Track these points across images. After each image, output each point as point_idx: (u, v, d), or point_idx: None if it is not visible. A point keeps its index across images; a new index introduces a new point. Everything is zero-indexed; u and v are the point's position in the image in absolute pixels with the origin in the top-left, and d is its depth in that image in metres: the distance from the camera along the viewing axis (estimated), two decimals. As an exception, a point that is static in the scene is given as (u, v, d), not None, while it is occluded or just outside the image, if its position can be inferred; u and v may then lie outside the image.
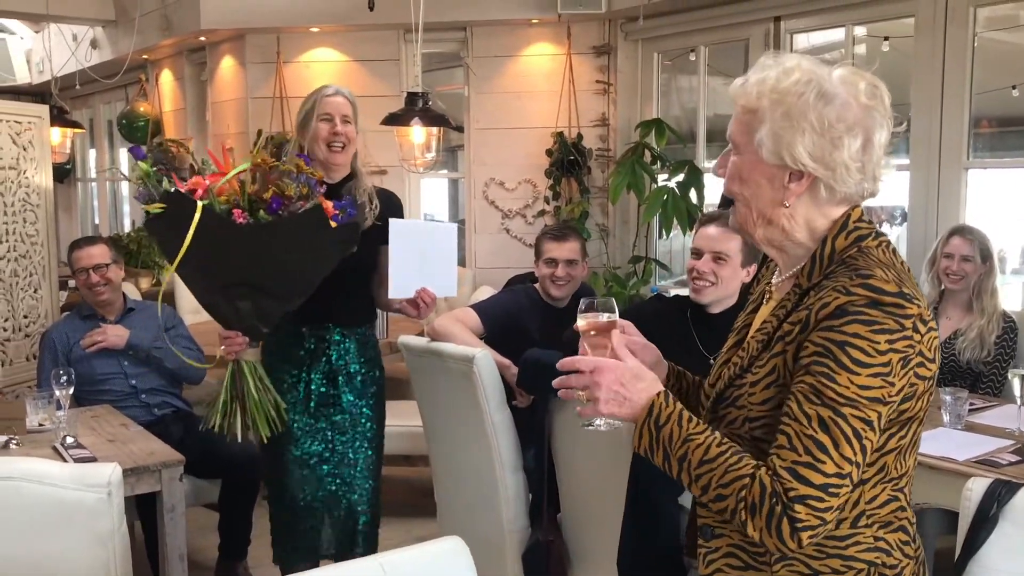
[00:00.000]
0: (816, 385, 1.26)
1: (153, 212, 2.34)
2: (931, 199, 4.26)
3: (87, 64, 7.31)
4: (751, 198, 1.40)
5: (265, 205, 2.34)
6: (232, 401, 2.53)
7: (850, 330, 1.25)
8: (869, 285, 1.27)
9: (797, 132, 1.32)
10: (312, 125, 2.77)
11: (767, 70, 1.36)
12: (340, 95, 2.82)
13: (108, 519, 2.13)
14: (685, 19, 5.23)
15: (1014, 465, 2.53)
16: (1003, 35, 4.77)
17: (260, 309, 2.46)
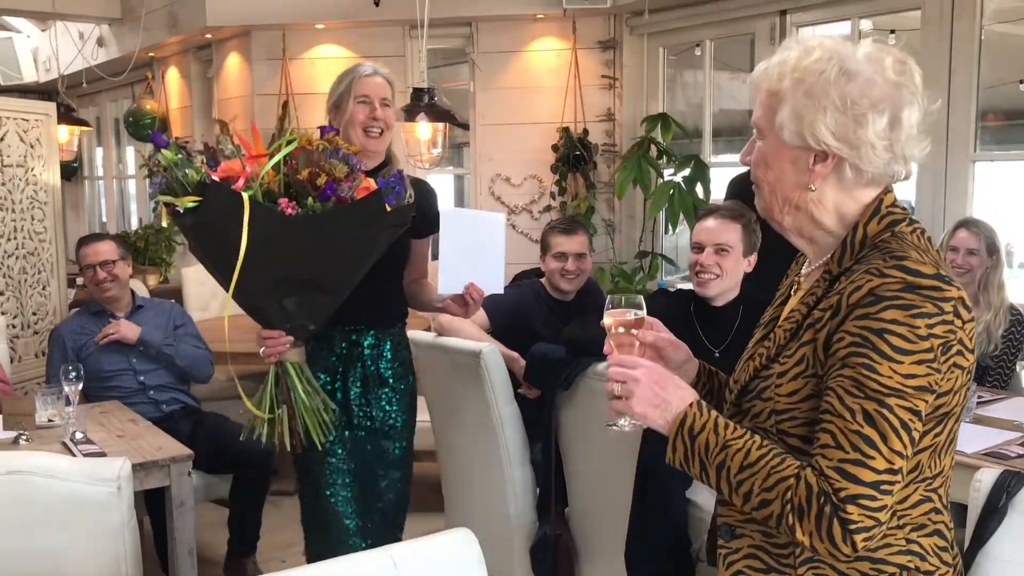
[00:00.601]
0: (857, 377, 1.19)
1: (185, 207, 2.01)
2: (938, 192, 4.25)
3: (93, 62, 7.32)
4: (776, 183, 1.35)
5: (315, 191, 2.07)
6: (278, 407, 2.26)
7: (887, 316, 1.19)
8: (904, 267, 1.21)
9: (819, 111, 1.27)
10: (347, 107, 2.51)
11: (788, 51, 1.32)
12: (379, 75, 2.55)
13: (118, 513, 2.14)
14: (690, 13, 5.22)
15: (1023, 457, 2.53)
16: (1010, 27, 4.75)
17: (309, 306, 2.21)
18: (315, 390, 2.31)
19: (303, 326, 2.25)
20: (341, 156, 2.14)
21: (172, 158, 2.05)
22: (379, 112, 2.51)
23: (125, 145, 8.81)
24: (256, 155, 2.08)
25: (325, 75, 5.90)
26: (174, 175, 2.05)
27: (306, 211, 2.06)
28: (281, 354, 2.25)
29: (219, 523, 3.89)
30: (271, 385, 2.26)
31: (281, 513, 3.99)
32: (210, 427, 3.63)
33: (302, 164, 2.09)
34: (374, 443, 2.58)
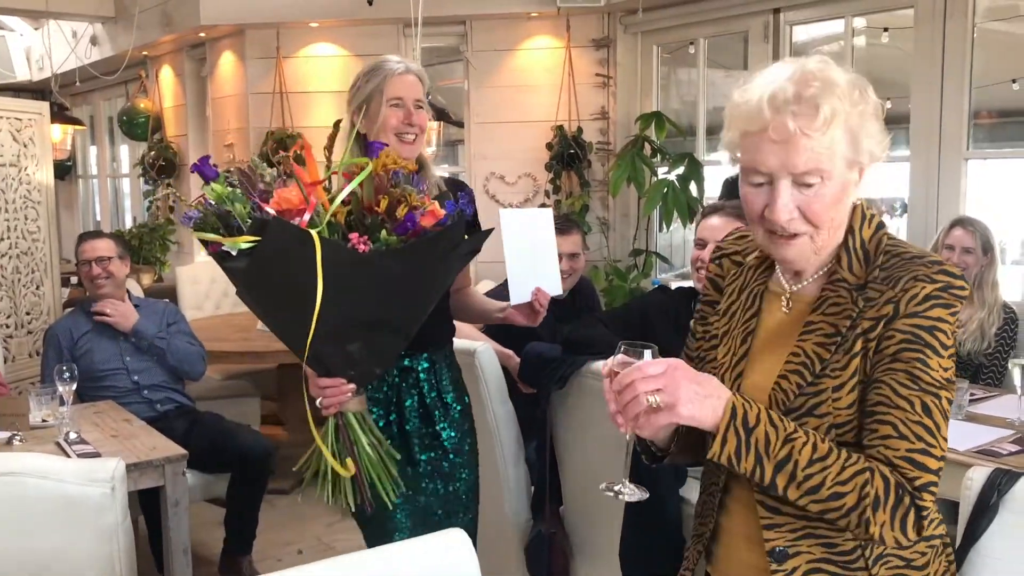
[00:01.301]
0: (911, 371, 1.26)
1: (238, 247, 1.68)
2: (931, 190, 4.26)
3: (87, 61, 7.31)
4: (836, 216, 1.35)
5: (391, 223, 1.75)
6: (342, 460, 1.96)
7: (934, 314, 1.27)
8: (947, 271, 1.30)
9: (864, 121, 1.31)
10: (377, 111, 2.23)
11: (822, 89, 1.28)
12: (411, 73, 2.27)
13: (112, 514, 2.14)
14: (684, 11, 5.23)
15: (1014, 455, 2.54)
16: (1003, 25, 4.76)
17: (375, 348, 1.89)
18: (379, 440, 1.99)
19: (369, 372, 1.95)
20: (404, 176, 1.83)
21: (223, 192, 1.72)
22: (414, 116, 2.26)
23: (119, 144, 8.80)
24: (314, 182, 1.74)
25: (319, 73, 5.90)
26: (219, 210, 1.73)
27: (380, 246, 1.75)
28: (342, 404, 1.92)
29: (214, 522, 3.89)
30: (331, 440, 1.95)
31: (277, 512, 4.00)
32: (207, 426, 3.64)
33: (368, 192, 1.79)
34: (440, 482, 2.28)
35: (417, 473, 2.24)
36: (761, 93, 1.30)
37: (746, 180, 1.35)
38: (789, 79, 1.30)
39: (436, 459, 2.26)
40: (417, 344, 2.14)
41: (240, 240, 1.68)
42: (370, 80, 2.26)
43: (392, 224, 1.76)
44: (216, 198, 1.72)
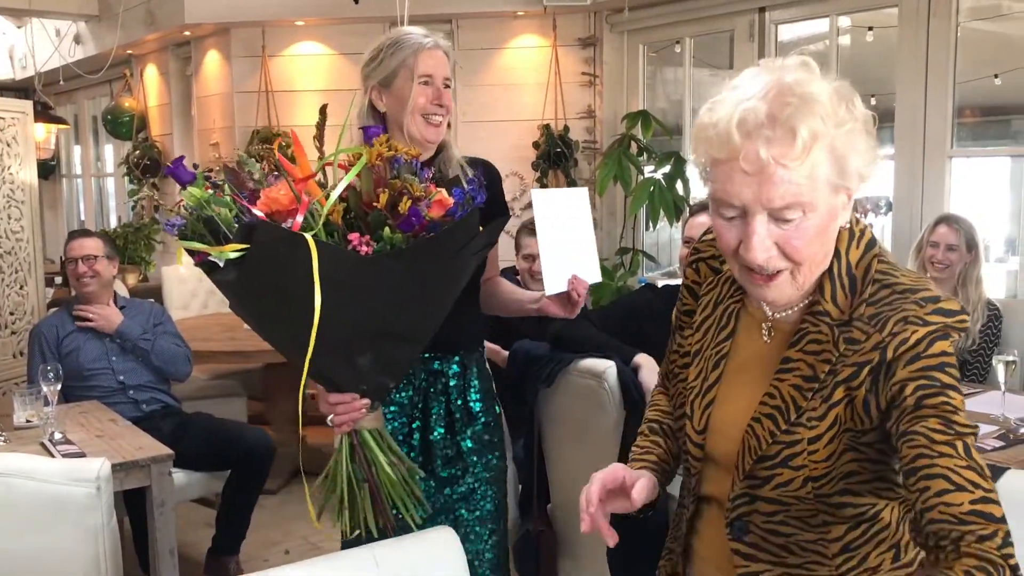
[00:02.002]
0: (942, 416, 1.12)
1: (224, 257, 1.50)
2: (915, 188, 4.29)
3: (71, 59, 7.26)
4: (820, 249, 1.21)
5: (394, 220, 1.56)
6: (359, 486, 1.78)
7: (937, 349, 1.15)
8: (942, 310, 1.17)
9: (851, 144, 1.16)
10: (404, 89, 2.02)
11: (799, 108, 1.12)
12: (440, 48, 2.06)
13: (97, 514, 2.13)
14: (670, 10, 5.24)
15: (999, 450, 2.56)
16: (985, 24, 4.79)
17: (388, 360, 1.71)
18: (400, 458, 1.80)
19: (382, 385, 1.77)
20: (404, 164, 1.65)
21: (202, 196, 1.55)
22: (444, 96, 2.05)
23: (103, 143, 8.75)
24: (304, 177, 1.57)
25: (305, 72, 5.88)
26: (202, 216, 1.56)
27: (384, 246, 1.55)
28: (356, 421, 1.74)
29: (200, 522, 3.88)
30: (346, 460, 1.76)
31: (264, 512, 3.98)
32: (201, 425, 3.64)
33: (366, 184, 1.59)
34: (464, 496, 2.10)
35: (440, 493, 2.06)
36: (730, 115, 1.14)
37: (716, 211, 1.21)
38: (762, 97, 1.13)
39: (457, 476, 2.07)
40: (448, 346, 2.00)
41: (227, 249, 1.49)
42: (396, 53, 2.03)
43: (395, 220, 1.56)
44: (195, 203, 1.55)
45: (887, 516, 1.25)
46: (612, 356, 2.80)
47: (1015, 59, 4.34)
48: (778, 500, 1.25)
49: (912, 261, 3.66)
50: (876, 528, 1.25)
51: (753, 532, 1.29)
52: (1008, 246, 5.42)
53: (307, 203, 1.54)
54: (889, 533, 1.26)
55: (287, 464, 4.64)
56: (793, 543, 1.27)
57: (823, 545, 1.25)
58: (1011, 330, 3.60)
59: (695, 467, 1.37)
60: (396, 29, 2.10)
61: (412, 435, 2.06)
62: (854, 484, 1.22)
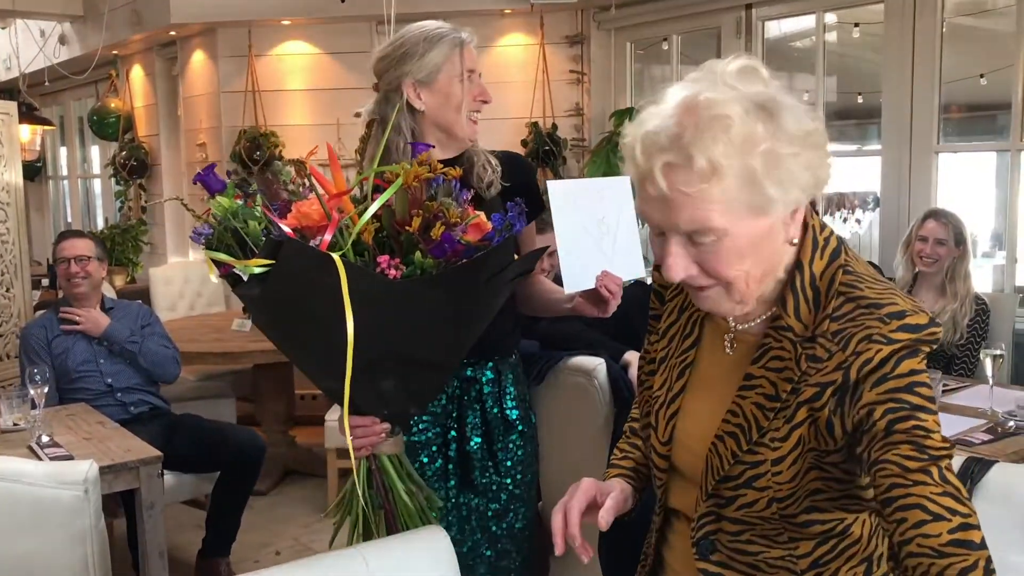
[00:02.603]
0: (913, 441, 1.08)
1: (249, 272, 1.44)
2: (903, 184, 4.30)
3: (56, 60, 7.22)
4: (751, 268, 1.14)
5: (426, 244, 1.48)
6: (375, 512, 1.70)
7: (904, 369, 1.10)
8: (908, 326, 1.11)
9: (785, 170, 1.09)
10: (448, 86, 1.93)
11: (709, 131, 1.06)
12: (473, 43, 2.02)
13: (85, 517, 2.12)
14: (657, 8, 5.24)
15: (987, 444, 2.57)
16: (971, 20, 4.82)
17: (411, 386, 1.63)
18: (419, 486, 1.73)
19: (404, 411, 1.70)
20: (442, 185, 1.55)
21: (230, 207, 1.49)
22: (487, 94, 2.01)
23: (89, 144, 8.71)
24: (338, 193, 1.49)
25: (292, 72, 5.86)
26: (230, 227, 1.49)
27: (414, 271, 1.47)
28: (375, 446, 1.67)
29: (190, 524, 3.87)
30: (362, 486, 1.68)
31: (254, 514, 3.97)
32: (190, 427, 3.63)
33: (402, 206, 1.50)
34: (498, 513, 2.03)
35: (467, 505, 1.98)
36: (637, 134, 1.10)
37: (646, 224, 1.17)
38: (671, 115, 1.08)
39: (494, 485, 2.00)
40: (481, 351, 1.90)
41: (252, 264, 1.43)
42: (436, 48, 1.93)
43: (427, 245, 1.48)
44: (223, 213, 1.48)
45: (857, 530, 1.23)
46: (602, 353, 2.80)
47: (1000, 54, 4.36)
48: (743, 520, 1.23)
49: (901, 255, 3.68)
50: (846, 543, 1.23)
51: (720, 551, 1.27)
52: (995, 240, 5.44)
53: (337, 221, 1.46)
54: (860, 547, 1.23)
55: (277, 465, 4.63)
56: (761, 561, 1.25)
57: (792, 561, 1.23)
58: (998, 324, 3.62)
59: (660, 479, 1.35)
60: (420, 24, 1.99)
61: (449, 445, 1.98)
62: (820, 501, 1.19)
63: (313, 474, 4.69)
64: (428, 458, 1.96)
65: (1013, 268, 4.16)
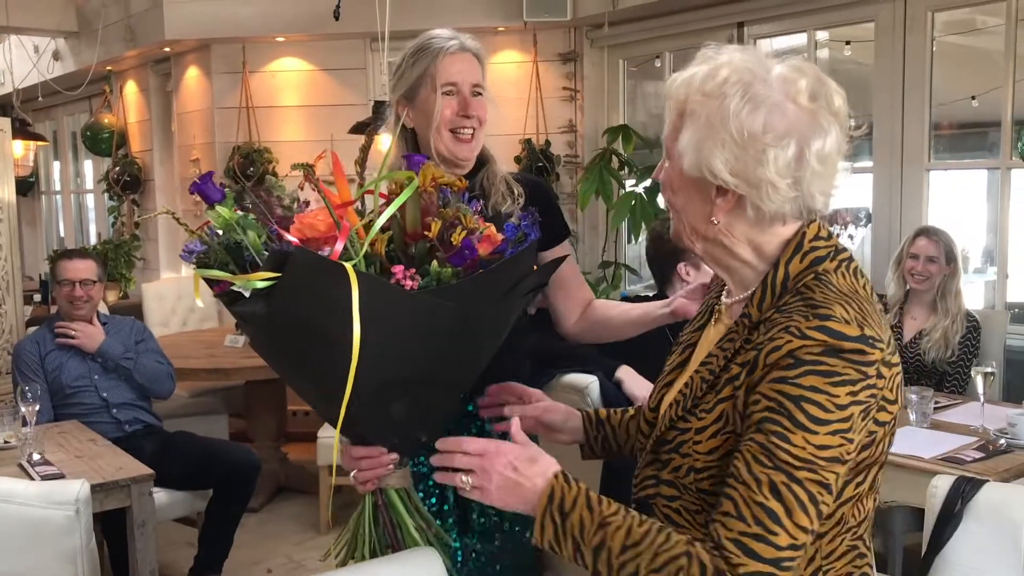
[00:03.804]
0: (768, 445, 1.11)
1: (252, 288, 1.32)
2: (894, 200, 4.32)
3: (49, 76, 7.22)
4: (682, 210, 1.25)
5: (444, 252, 1.38)
6: (382, 551, 1.56)
7: (806, 383, 1.10)
8: (827, 329, 1.11)
9: (717, 144, 1.16)
10: (428, 101, 1.80)
11: (699, 65, 1.20)
12: (466, 51, 1.84)
13: (76, 536, 2.11)
14: (650, 26, 5.27)
15: (978, 462, 2.58)
16: (960, 39, 4.85)
17: (422, 410, 1.49)
18: (428, 522, 1.59)
19: (413, 439, 1.56)
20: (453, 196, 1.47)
21: (231, 218, 1.39)
22: (472, 105, 1.82)
23: (83, 159, 8.70)
24: (344, 203, 1.39)
25: (286, 88, 5.88)
26: (231, 242, 1.39)
27: (431, 281, 1.37)
28: (381, 479, 1.53)
29: (180, 541, 3.85)
30: (368, 523, 1.56)
31: (246, 531, 3.95)
32: (184, 445, 3.63)
33: (413, 215, 1.40)
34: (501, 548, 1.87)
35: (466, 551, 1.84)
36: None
37: None
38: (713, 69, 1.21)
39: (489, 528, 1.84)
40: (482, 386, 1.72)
41: (255, 278, 1.31)
42: (417, 62, 1.82)
43: (446, 253, 1.37)
44: (223, 225, 1.38)
45: None
46: (594, 370, 2.80)
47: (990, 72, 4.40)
48: (674, 485, 1.27)
49: (892, 272, 3.69)
50: None
51: (656, 515, 1.30)
52: (986, 257, 5.46)
53: (348, 229, 1.34)
54: None
55: (269, 481, 4.62)
56: None
57: None
58: (989, 341, 3.63)
59: (642, 443, 1.41)
60: (424, 34, 1.86)
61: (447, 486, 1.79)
62: None
63: (305, 491, 4.68)
64: (424, 492, 1.80)
65: (1004, 285, 4.17)
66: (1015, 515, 1.76)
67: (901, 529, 2.98)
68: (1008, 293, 4.17)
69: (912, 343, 3.57)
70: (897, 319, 3.64)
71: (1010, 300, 4.20)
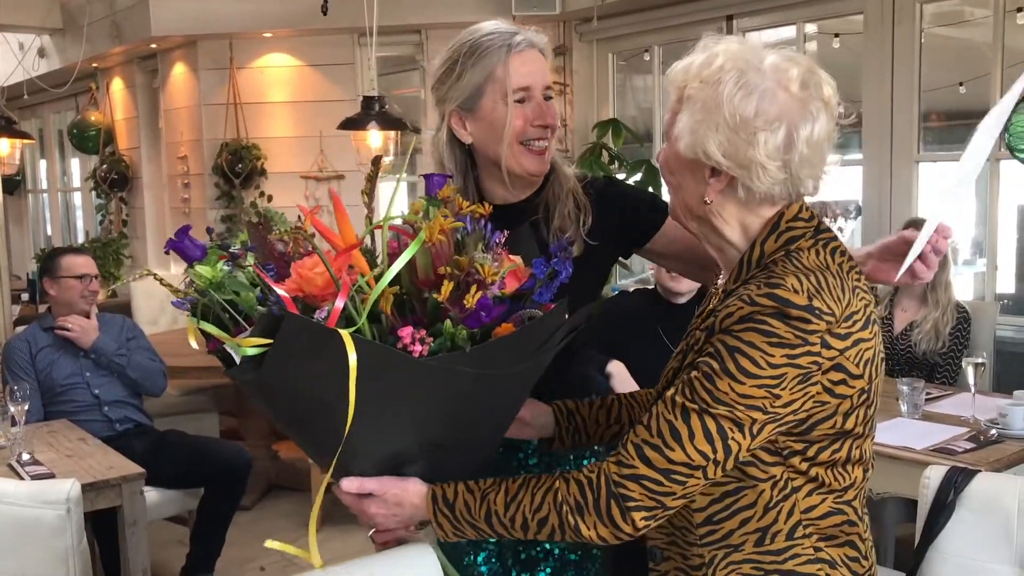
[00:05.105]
0: (694, 381, 1.19)
1: (243, 353, 1.21)
2: (884, 193, 4.33)
3: (35, 73, 7.18)
4: (678, 189, 1.32)
5: (459, 313, 1.22)
6: None
7: (746, 337, 1.17)
8: (775, 296, 1.17)
9: (710, 127, 1.22)
10: (493, 110, 1.55)
11: (699, 54, 1.27)
12: (534, 47, 1.58)
13: (68, 536, 2.10)
14: (639, 19, 5.27)
15: (969, 452, 2.59)
16: (948, 31, 4.86)
17: (439, 472, 1.33)
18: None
19: None
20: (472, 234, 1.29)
21: (214, 276, 1.26)
22: (548, 114, 1.57)
23: (69, 157, 8.65)
24: (347, 248, 1.23)
25: (274, 84, 5.85)
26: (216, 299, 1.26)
27: (443, 343, 1.22)
28: (401, 537, 1.41)
29: (172, 541, 3.84)
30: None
31: (238, 529, 3.94)
32: (175, 443, 3.62)
33: (424, 263, 1.25)
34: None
35: None
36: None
37: None
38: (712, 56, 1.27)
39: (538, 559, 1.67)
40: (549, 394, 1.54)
41: (245, 344, 1.19)
42: (477, 63, 1.54)
43: (460, 314, 1.22)
44: (207, 285, 1.25)
45: (752, 496, 1.26)
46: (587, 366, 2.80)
47: (978, 64, 4.41)
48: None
49: (882, 265, 3.69)
50: (739, 505, 1.27)
51: None
52: (975, 249, 5.49)
53: (348, 286, 1.20)
54: (754, 514, 1.27)
55: (260, 479, 4.60)
56: None
57: (689, 513, 1.30)
58: (979, 332, 3.64)
59: None
60: (472, 29, 1.60)
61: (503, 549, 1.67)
62: None
63: (297, 488, 4.66)
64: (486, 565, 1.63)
65: (994, 276, 4.19)
66: (1007, 505, 1.76)
67: (893, 520, 2.99)
68: (997, 284, 4.19)
69: (903, 335, 3.58)
70: (888, 311, 3.65)
71: (999, 291, 4.22)
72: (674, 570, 1.35)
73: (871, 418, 1.28)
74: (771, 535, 1.26)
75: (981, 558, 1.78)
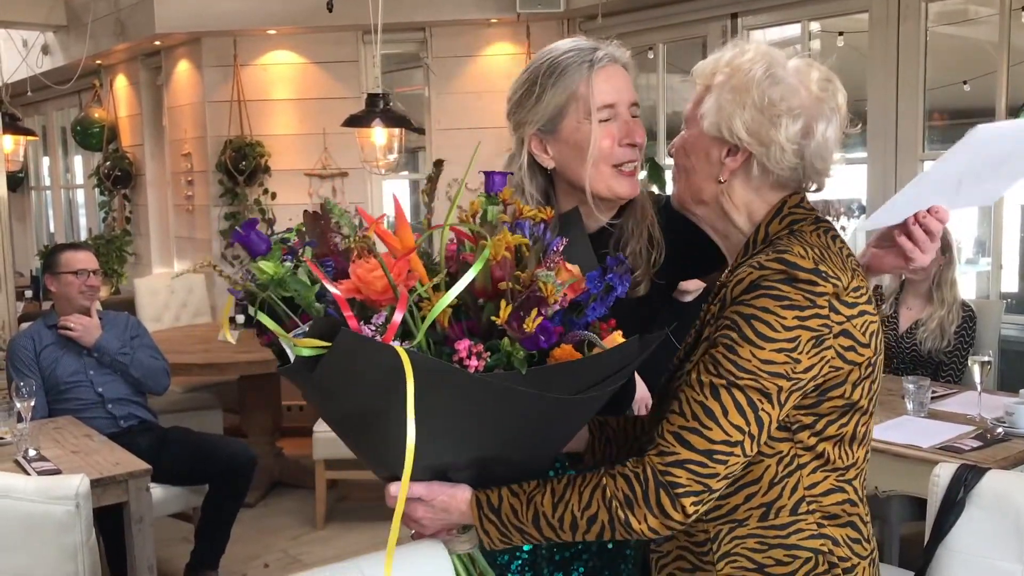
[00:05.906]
0: (716, 356, 1.23)
1: (299, 353, 1.19)
2: (888, 191, 4.32)
3: (39, 70, 7.18)
4: (691, 170, 1.36)
5: (517, 335, 1.19)
6: None
7: (759, 304, 1.22)
8: (783, 259, 1.23)
9: (738, 105, 1.29)
10: (581, 131, 1.49)
11: (726, 51, 1.35)
12: (617, 62, 1.51)
13: (76, 532, 2.10)
14: (643, 17, 5.27)
15: (977, 450, 2.59)
16: (953, 29, 4.86)
17: (488, 480, 1.32)
18: None
19: None
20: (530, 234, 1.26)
21: (276, 273, 1.24)
22: (636, 132, 1.50)
23: (73, 154, 8.66)
24: (405, 252, 1.21)
25: (278, 81, 5.85)
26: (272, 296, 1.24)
27: (500, 360, 1.20)
28: (446, 543, 1.39)
29: (177, 538, 3.84)
30: None
31: (242, 525, 3.94)
32: (179, 440, 3.63)
33: (483, 276, 1.22)
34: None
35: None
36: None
37: None
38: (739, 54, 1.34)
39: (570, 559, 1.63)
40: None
41: (301, 344, 1.17)
42: (557, 83, 1.49)
43: (518, 335, 1.18)
44: (268, 281, 1.24)
45: (758, 471, 1.28)
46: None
47: (983, 62, 4.41)
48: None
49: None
50: (745, 480, 1.29)
51: None
52: (979, 247, 5.49)
53: (406, 297, 1.17)
54: (759, 490, 1.29)
55: (264, 476, 4.61)
56: None
57: None
58: (984, 330, 3.64)
59: None
60: (549, 48, 1.54)
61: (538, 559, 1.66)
62: None
63: (301, 485, 4.67)
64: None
65: (998, 275, 4.19)
66: (1017, 502, 1.77)
67: (898, 518, 2.99)
68: (1002, 283, 4.19)
69: (908, 333, 3.58)
70: (893, 309, 3.65)
71: (1004, 290, 4.22)
72: (677, 549, 1.37)
73: (875, 394, 1.32)
74: (775, 510, 1.29)
75: (991, 556, 1.78)
